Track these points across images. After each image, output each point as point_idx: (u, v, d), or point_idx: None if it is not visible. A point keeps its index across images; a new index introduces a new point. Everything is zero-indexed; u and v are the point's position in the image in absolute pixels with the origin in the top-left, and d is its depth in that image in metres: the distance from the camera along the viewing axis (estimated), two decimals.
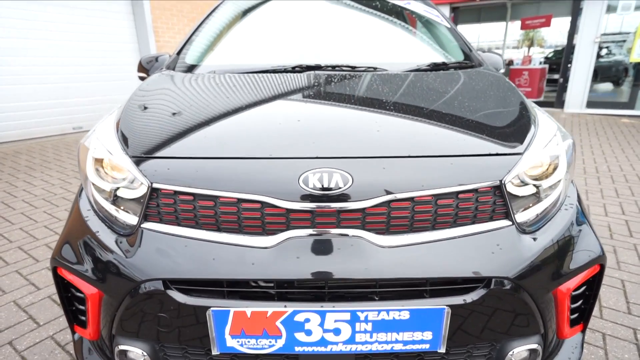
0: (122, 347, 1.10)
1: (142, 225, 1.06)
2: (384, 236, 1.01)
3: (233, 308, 0.98)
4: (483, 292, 1.00)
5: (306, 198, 0.99)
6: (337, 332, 1.00)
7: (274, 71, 1.70)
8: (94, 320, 1.12)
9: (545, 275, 1.05)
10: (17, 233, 2.87)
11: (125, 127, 1.26)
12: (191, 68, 1.86)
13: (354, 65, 1.74)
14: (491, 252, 1.01)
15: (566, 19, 8.88)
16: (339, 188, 0.99)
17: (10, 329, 1.84)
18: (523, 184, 1.09)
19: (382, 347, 1.02)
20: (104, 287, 1.06)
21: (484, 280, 1.00)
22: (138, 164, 1.10)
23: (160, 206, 1.05)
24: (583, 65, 8.20)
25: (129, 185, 1.10)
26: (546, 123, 1.30)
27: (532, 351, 1.10)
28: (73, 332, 1.25)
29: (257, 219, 1.01)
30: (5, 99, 5.72)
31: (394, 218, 1.01)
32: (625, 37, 7.99)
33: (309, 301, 1.00)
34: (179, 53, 2.02)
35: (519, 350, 1.09)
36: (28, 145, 5.74)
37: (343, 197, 0.99)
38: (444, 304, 0.98)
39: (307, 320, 0.99)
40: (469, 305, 0.99)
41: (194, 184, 1.03)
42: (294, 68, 1.72)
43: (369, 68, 1.72)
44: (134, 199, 1.10)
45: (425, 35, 2.23)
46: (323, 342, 1.01)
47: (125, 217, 1.10)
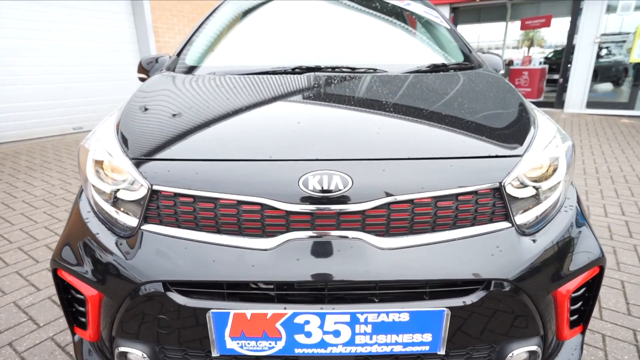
0: (122, 348, 1.10)
1: (142, 227, 1.06)
2: (384, 238, 1.01)
3: (233, 310, 0.98)
4: (483, 294, 1.00)
5: (306, 200, 0.99)
6: (336, 334, 1.00)
7: (274, 72, 1.70)
8: (94, 321, 1.13)
9: (544, 277, 1.05)
10: (17, 234, 2.87)
11: (125, 129, 1.26)
12: (191, 69, 1.86)
13: (354, 66, 1.75)
14: (491, 254, 1.01)
15: (566, 19, 8.89)
16: (339, 190, 0.99)
17: (10, 330, 1.84)
18: (523, 185, 1.09)
19: (382, 349, 1.02)
20: (104, 288, 1.07)
21: (483, 282, 1.01)
22: (138, 165, 1.10)
23: (160, 208, 1.06)
24: (583, 66, 8.21)
25: (129, 187, 1.10)
26: (546, 125, 1.30)
27: (531, 353, 1.11)
28: (73, 334, 1.25)
29: (257, 221, 1.02)
30: (5, 99, 5.72)
31: (393, 220, 1.01)
32: (625, 38, 7.99)
33: (309, 303, 1.00)
34: (179, 54, 2.02)
35: (518, 352, 1.09)
36: (28, 146, 5.74)
37: (343, 199, 1.00)
38: (443, 305, 0.98)
39: (307, 322, 0.99)
40: (468, 307, 0.99)
41: (194, 186, 1.03)
42: (294, 69, 1.72)
43: (369, 69, 1.72)
44: (134, 201, 1.10)
45: (425, 37, 2.23)
46: (323, 344, 1.01)
47: (125, 218, 1.10)
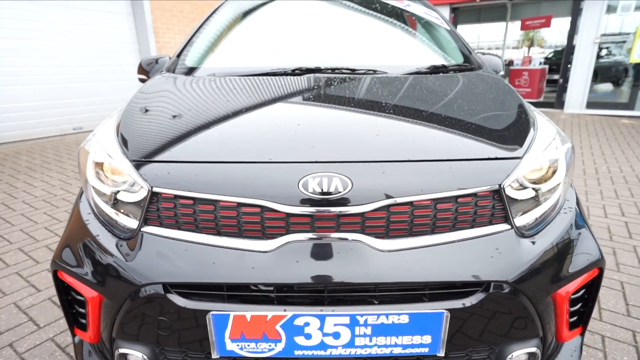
0: (122, 350, 1.10)
1: (142, 229, 1.06)
2: (384, 240, 1.01)
3: (233, 312, 0.98)
4: (482, 296, 1.00)
5: (306, 202, 1.00)
6: (336, 336, 1.00)
7: (274, 74, 1.70)
8: (94, 323, 1.13)
9: (544, 279, 1.05)
10: (18, 234, 2.87)
11: (125, 131, 1.26)
12: (191, 70, 1.86)
13: (354, 68, 1.75)
14: (490, 256, 1.02)
15: (566, 19, 8.88)
16: (339, 192, 1.00)
17: (11, 331, 1.85)
18: (522, 187, 1.10)
19: (382, 351, 1.03)
20: (104, 290, 1.07)
21: (483, 284, 1.01)
22: (138, 167, 1.10)
23: (161, 210, 1.06)
24: (583, 66, 8.21)
25: (129, 188, 1.10)
26: (545, 126, 1.31)
27: (531, 354, 1.11)
28: (73, 335, 1.25)
29: (257, 223, 1.02)
30: (5, 100, 5.72)
31: (393, 222, 1.02)
32: (625, 38, 8.00)
33: (309, 305, 1.00)
34: (179, 55, 2.02)
35: (518, 354, 1.09)
36: (28, 146, 5.74)
37: (342, 202, 1.00)
38: (443, 307, 0.99)
39: (307, 324, 0.99)
40: (468, 309, 1.00)
41: (194, 188, 1.03)
42: (294, 71, 1.73)
43: (369, 71, 1.73)
44: (134, 203, 1.10)
45: (425, 38, 2.23)
46: (322, 346, 1.01)
47: (126, 220, 1.10)
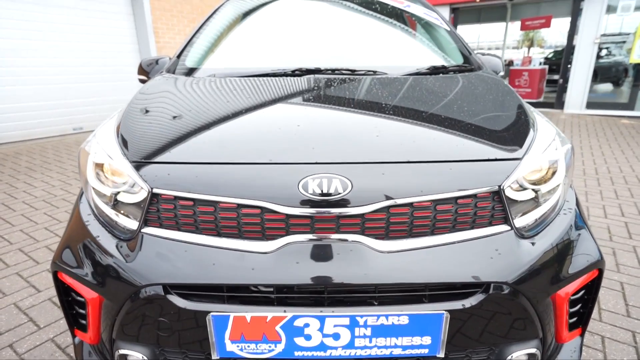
0: (122, 351, 1.11)
1: (143, 230, 1.06)
2: (384, 241, 1.02)
3: (233, 313, 0.99)
4: (482, 297, 1.00)
5: (306, 203, 1.00)
6: (336, 337, 1.00)
7: (274, 75, 1.70)
8: (94, 324, 1.13)
9: (543, 280, 1.05)
10: (18, 235, 2.87)
11: (125, 132, 1.27)
12: (191, 71, 1.86)
13: (354, 68, 1.75)
14: (490, 257, 1.02)
15: (566, 19, 8.88)
16: (339, 193, 1.00)
17: (11, 331, 1.85)
18: (522, 188, 1.10)
19: (381, 352, 1.03)
20: (104, 291, 1.07)
21: (482, 285, 1.01)
22: (138, 168, 1.10)
23: (161, 211, 1.06)
24: (583, 66, 8.21)
25: (129, 189, 1.10)
26: (545, 127, 1.31)
27: (530, 355, 1.11)
28: (73, 336, 1.25)
29: (257, 224, 1.02)
30: (5, 100, 5.72)
31: (393, 223, 1.02)
32: (625, 38, 8.00)
33: (309, 306, 1.01)
34: (179, 56, 2.02)
35: (517, 355, 1.09)
36: (28, 146, 5.75)
37: (342, 203, 1.00)
38: (442, 309, 0.99)
39: (307, 325, 0.99)
40: (467, 310, 1.00)
41: (194, 189, 1.03)
42: (294, 72, 1.73)
43: (369, 72, 1.73)
44: (134, 204, 1.10)
45: (425, 38, 2.23)
46: (322, 347, 1.01)
47: (126, 221, 1.10)
